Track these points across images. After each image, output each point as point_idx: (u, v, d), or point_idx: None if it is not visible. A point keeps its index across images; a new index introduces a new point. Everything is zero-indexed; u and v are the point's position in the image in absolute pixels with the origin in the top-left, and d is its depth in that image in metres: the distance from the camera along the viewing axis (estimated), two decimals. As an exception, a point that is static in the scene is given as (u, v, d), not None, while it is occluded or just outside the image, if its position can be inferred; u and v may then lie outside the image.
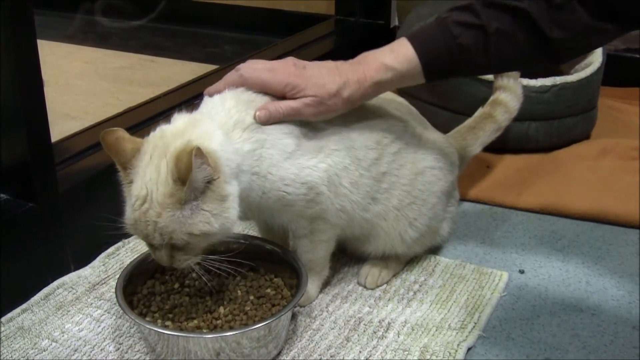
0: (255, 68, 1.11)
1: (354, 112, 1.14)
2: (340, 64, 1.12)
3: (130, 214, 0.98)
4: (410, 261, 1.32)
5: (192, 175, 0.92)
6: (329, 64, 1.12)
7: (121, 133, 1.01)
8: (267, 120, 1.07)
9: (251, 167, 1.04)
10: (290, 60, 1.12)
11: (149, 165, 0.97)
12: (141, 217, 0.96)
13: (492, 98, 1.49)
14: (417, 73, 1.11)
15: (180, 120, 1.04)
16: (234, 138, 1.04)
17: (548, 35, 1.06)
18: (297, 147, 1.08)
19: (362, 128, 1.15)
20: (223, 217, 0.98)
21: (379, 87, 1.12)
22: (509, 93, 1.47)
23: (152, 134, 1.02)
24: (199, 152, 0.92)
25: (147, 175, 0.96)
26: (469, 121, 1.47)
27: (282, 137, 1.07)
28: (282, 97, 1.09)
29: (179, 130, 1.01)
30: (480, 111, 1.48)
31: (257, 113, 1.07)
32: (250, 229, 1.37)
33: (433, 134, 1.28)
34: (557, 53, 1.10)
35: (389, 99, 1.25)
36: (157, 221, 0.95)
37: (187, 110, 1.08)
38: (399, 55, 1.10)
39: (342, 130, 1.13)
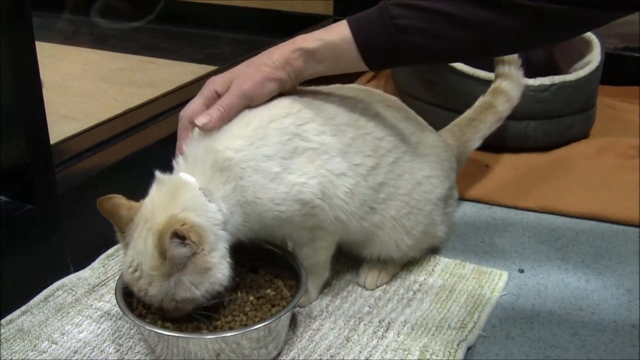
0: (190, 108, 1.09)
1: (348, 122, 1.13)
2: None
3: (125, 276, 1.04)
4: (409, 261, 1.32)
5: (169, 255, 0.96)
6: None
7: (117, 200, 1.04)
8: (213, 125, 1.04)
9: (238, 200, 1.04)
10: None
11: (139, 238, 1.01)
12: (134, 282, 1.02)
13: (492, 86, 1.47)
14: (351, 50, 1.05)
15: (164, 186, 1.03)
16: (215, 185, 1.03)
17: (496, 20, 0.99)
18: (283, 167, 1.05)
19: (357, 137, 1.13)
20: (207, 284, 1.01)
21: (305, 55, 1.08)
22: (510, 81, 1.46)
23: (145, 205, 1.03)
24: (176, 233, 0.95)
25: (137, 247, 1.01)
26: (468, 112, 1.46)
27: (265, 161, 1.04)
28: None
29: (164, 202, 1.02)
30: (480, 100, 1.47)
31: (198, 122, 1.04)
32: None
33: (430, 138, 1.27)
34: (512, 38, 1.03)
35: (380, 99, 1.24)
36: (147, 289, 1.00)
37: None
38: (331, 29, 1.08)
39: (336, 139, 1.11)
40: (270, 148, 1.05)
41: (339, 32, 1.06)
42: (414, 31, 1.02)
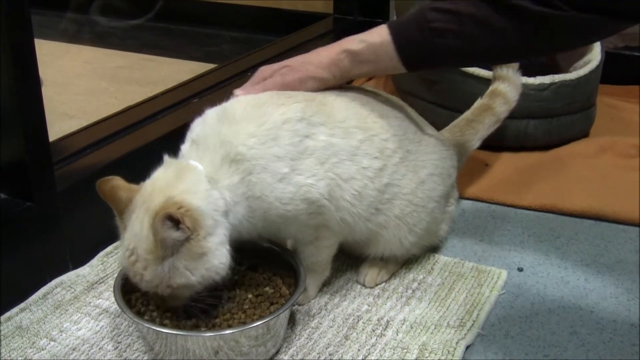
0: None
1: (356, 124, 1.13)
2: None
3: (122, 260, 1.03)
4: (409, 259, 1.32)
5: (159, 238, 0.95)
6: None
7: (116, 182, 1.03)
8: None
9: (244, 193, 1.04)
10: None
11: (136, 219, 1.00)
12: (130, 267, 1.01)
13: (490, 89, 1.48)
14: (390, 51, 1.13)
15: (170, 168, 1.04)
16: (222, 175, 1.03)
17: (524, 24, 1.04)
18: (292, 169, 1.05)
19: (365, 139, 1.13)
20: (203, 270, 1.00)
21: (351, 56, 1.16)
22: (508, 84, 1.46)
23: (144, 186, 1.03)
24: (170, 216, 0.94)
25: (134, 229, 1.00)
26: (467, 114, 1.46)
27: (274, 161, 1.04)
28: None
29: (165, 183, 1.01)
30: (478, 102, 1.47)
31: (235, 92, 1.15)
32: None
33: (432, 137, 1.27)
34: (537, 44, 1.08)
35: (383, 99, 1.24)
36: (143, 274, 0.99)
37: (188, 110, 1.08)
38: (373, 32, 1.15)
39: (345, 141, 1.11)
40: (281, 149, 1.05)
41: (380, 34, 1.14)
42: (448, 34, 1.08)
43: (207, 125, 1.07)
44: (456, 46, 1.09)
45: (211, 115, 1.09)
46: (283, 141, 1.05)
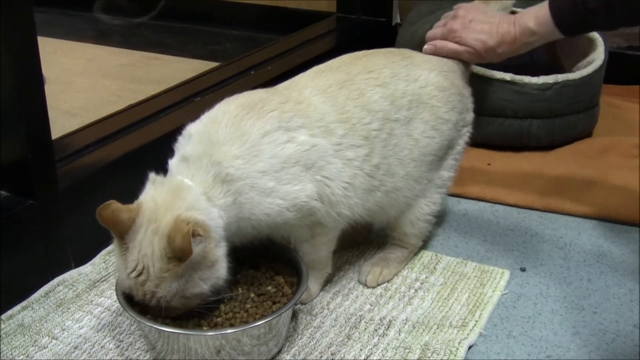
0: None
1: (336, 118, 1.12)
2: (499, 22, 1.33)
3: (125, 281, 1.02)
4: (411, 259, 1.32)
5: (192, 256, 0.96)
6: (493, 20, 1.34)
7: (115, 205, 1.02)
8: (433, 52, 1.34)
9: (236, 214, 1.05)
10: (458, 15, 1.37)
11: (144, 240, 1.00)
12: (138, 286, 1.00)
13: None
14: (553, 31, 1.29)
15: (164, 186, 1.04)
16: (215, 195, 1.03)
17: None
18: (278, 180, 1.06)
19: (347, 132, 1.13)
20: (213, 279, 1.02)
21: (526, 46, 1.33)
22: None
23: (144, 206, 1.02)
24: (195, 232, 0.95)
25: (143, 250, 0.99)
26: None
27: (260, 177, 1.05)
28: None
29: (167, 202, 1.01)
30: None
31: (425, 47, 1.35)
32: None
33: (426, 89, 1.23)
34: None
35: (362, 67, 1.20)
36: (155, 291, 0.99)
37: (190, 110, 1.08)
38: (539, 19, 1.29)
39: (326, 140, 1.11)
40: (265, 163, 1.05)
41: (545, 21, 1.28)
42: (600, 11, 1.22)
43: (195, 145, 1.07)
44: (603, 22, 1.25)
45: (195, 135, 1.08)
46: (265, 155, 1.06)
